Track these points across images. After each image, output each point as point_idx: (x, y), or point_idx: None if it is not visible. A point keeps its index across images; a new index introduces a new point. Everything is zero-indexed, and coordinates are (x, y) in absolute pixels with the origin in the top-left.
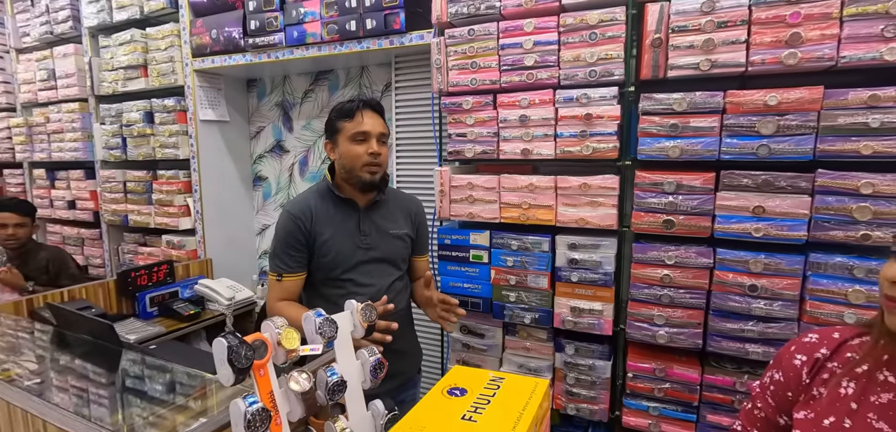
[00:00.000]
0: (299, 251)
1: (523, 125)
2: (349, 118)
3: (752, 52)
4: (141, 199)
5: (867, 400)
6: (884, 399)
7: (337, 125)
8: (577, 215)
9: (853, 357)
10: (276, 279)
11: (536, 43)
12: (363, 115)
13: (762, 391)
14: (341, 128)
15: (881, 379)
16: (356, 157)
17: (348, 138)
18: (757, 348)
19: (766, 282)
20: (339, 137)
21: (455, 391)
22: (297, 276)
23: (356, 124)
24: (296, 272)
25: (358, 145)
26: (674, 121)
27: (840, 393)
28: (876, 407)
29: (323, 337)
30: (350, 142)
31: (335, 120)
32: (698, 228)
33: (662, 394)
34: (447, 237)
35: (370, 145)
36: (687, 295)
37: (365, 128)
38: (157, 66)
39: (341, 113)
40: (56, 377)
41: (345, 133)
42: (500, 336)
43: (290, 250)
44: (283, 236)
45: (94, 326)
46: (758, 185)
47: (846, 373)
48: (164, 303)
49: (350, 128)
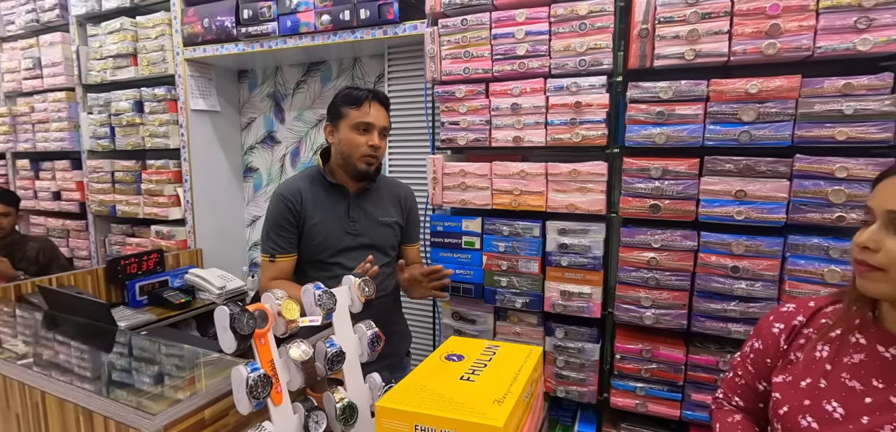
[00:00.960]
0: (290, 232)
1: (515, 113)
2: (356, 106)
3: (734, 42)
4: (129, 190)
5: (840, 361)
6: (856, 359)
7: (342, 110)
8: (568, 201)
9: (827, 322)
10: (269, 260)
11: (528, 33)
12: (370, 106)
13: (743, 360)
14: (346, 113)
15: (853, 342)
16: (355, 146)
17: (351, 126)
18: (739, 327)
19: (747, 264)
20: (341, 122)
21: (453, 357)
22: (289, 257)
23: (362, 113)
24: (288, 252)
25: (360, 135)
26: (660, 109)
27: (815, 356)
28: (848, 368)
29: (322, 309)
30: (352, 131)
31: (340, 104)
32: (683, 212)
33: (649, 375)
34: (440, 224)
35: (371, 137)
36: (672, 277)
37: (369, 119)
38: (147, 55)
39: (348, 99)
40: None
41: (348, 120)
42: (491, 321)
43: (281, 231)
44: (274, 218)
45: (89, 307)
46: (740, 170)
47: (821, 338)
48: (153, 291)
49: (355, 116)
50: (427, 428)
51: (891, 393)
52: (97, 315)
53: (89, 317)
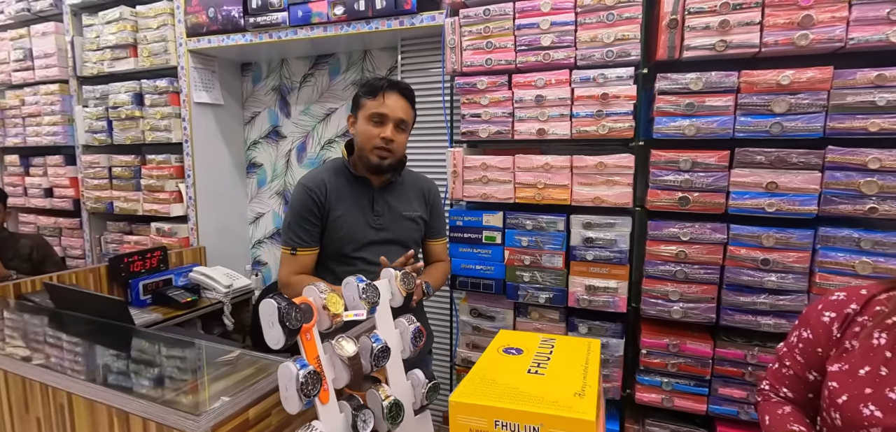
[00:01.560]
0: (314, 224)
1: (539, 105)
2: (372, 96)
3: (765, 33)
4: (128, 185)
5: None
6: None
7: (360, 101)
8: (593, 194)
9: (882, 310)
10: (291, 253)
11: (553, 24)
12: (385, 97)
13: (790, 350)
14: (363, 104)
15: None
16: (368, 138)
17: (366, 117)
18: (768, 320)
19: (777, 256)
20: (359, 113)
21: (511, 350)
22: (311, 250)
23: (376, 104)
24: (310, 245)
25: (373, 126)
26: (690, 101)
27: (873, 343)
28: None
29: (367, 303)
30: (367, 122)
31: (360, 95)
32: (713, 205)
33: (676, 369)
34: (459, 219)
35: (385, 129)
36: (701, 270)
37: (383, 110)
38: (148, 46)
39: (367, 89)
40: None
41: (364, 110)
42: (510, 317)
43: (305, 224)
44: (297, 209)
45: (103, 304)
46: (771, 162)
47: (877, 325)
48: (158, 290)
49: (370, 106)
50: (509, 424)
51: None
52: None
53: (102, 315)
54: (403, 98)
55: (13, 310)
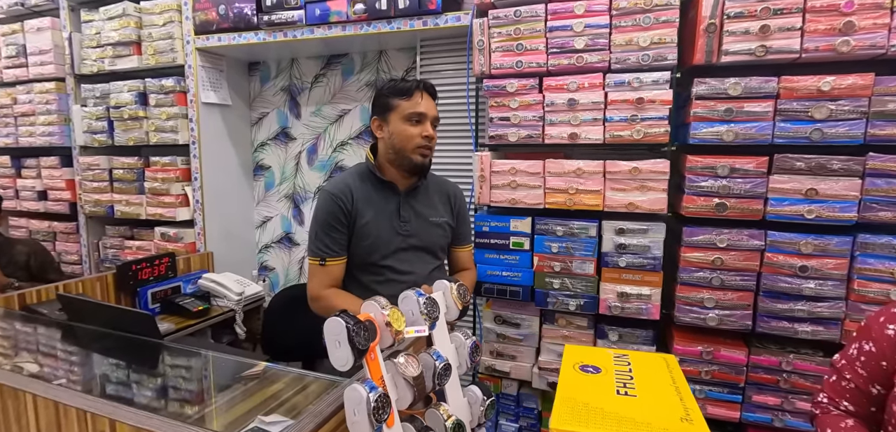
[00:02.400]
0: (341, 233)
1: (571, 109)
2: (406, 96)
3: (805, 39)
4: (130, 188)
5: None
6: None
7: (390, 102)
8: (627, 200)
9: None
10: (319, 264)
11: (587, 26)
12: (422, 96)
13: (850, 363)
14: (395, 105)
15: None
16: (409, 138)
17: (403, 118)
18: (806, 327)
19: (815, 263)
20: (391, 115)
21: (588, 368)
22: (340, 260)
23: (413, 104)
24: (339, 255)
25: (412, 126)
26: (728, 106)
27: None
28: None
29: (428, 319)
30: (404, 122)
31: (389, 96)
32: (750, 211)
33: (709, 377)
34: (485, 224)
35: (425, 128)
36: (737, 277)
37: (421, 109)
38: (153, 44)
39: (397, 90)
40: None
41: (399, 112)
42: (536, 324)
43: (332, 232)
44: (323, 217)
45: (128, 319)
46: (810, 168)
47: None
48: (167, 298)
49: (406, 107)
50: None
51: None
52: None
53: (126, 330)
54: (432, 97)
55: (25, 323)
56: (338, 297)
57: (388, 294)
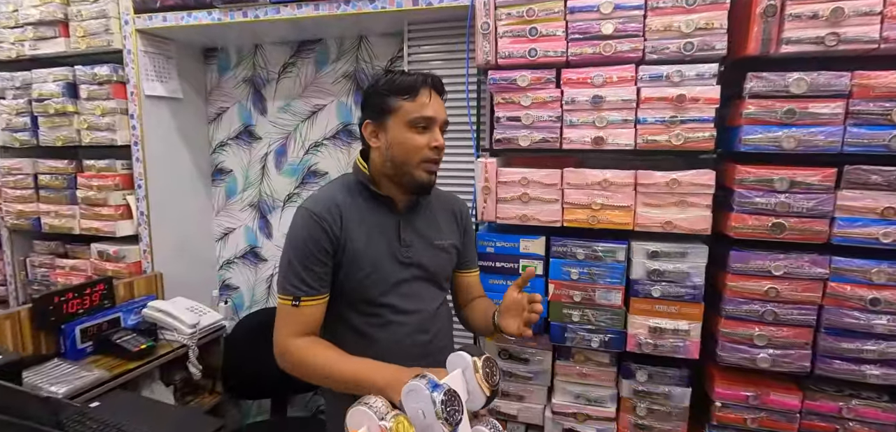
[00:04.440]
0: (324, 264)
1: (596, 108)
2: (410, 96)
3: (886, 26)
4: (60, 198)
5: None
6: None
7: (390, 103)
8: (663, 218)
9: None
10: (292, 304)
11: (617, 7)
12: (430, 96)
13: None
14: (397, 107)
15: None
16: (414, 149)
17: (406, 123)
18: (874, 370)
19: (888, 295)
20: (390, 120)
21: None
22: (318, 300)
23: (419, 106)
24: (318, 293)
25: (418, 134)
26: (790, 107)
27: None
28: None
29: (449, 424)
30: (407, 129)
31: (386, 95)
32: (813, 233)
33: (756, 425)
34: (490, 244)
35: (434, 136)
36: (795, 310)
37: (429, 112)
38: (83, 24)
39: (397, 88)
40: None
41: (401, 115)
42: (549, 360)
43: (312, 264)
44: (302, 244)
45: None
46: (889, 183)
47: None
48: (101, 335)
49: (410, 109)
50: None
51: None
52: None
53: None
54: (440, 96)
55: None
56: (314, 350)
57: (389, 340)
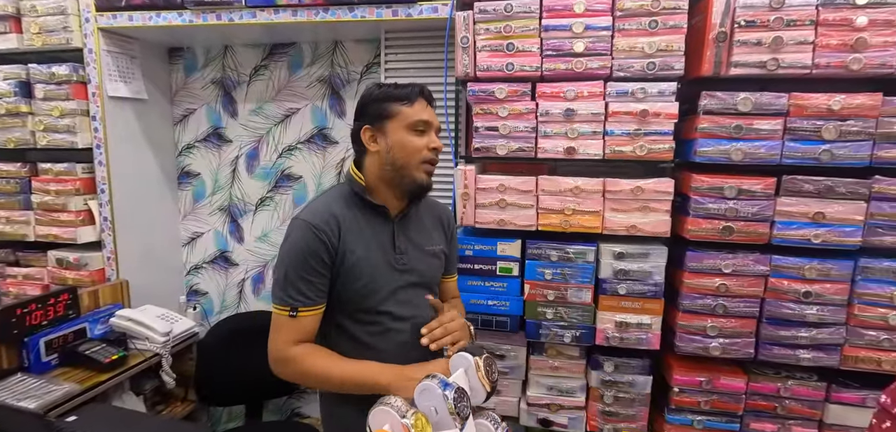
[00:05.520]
0: (322, 275)
1: (568, 120)
2: (408, 102)
3: (817, 54)
4: (12, 203)
5: None
6: None
7: (388, 108)
8: (628, 222)
9: None
10: (289, 315)
11: (588, 27)
12: (425, 104)
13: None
14: (396, 112)
15: None
16: (415, 151)
17: (407, 127)
18: (807, 354)
19: (818, 289)
20: (389, 124)
21: None
22: (315, 310)
23: (418, 111)
24: (315, 304)
25: (418, 136)
26: (738, 123)
27: None
28: None
29: (460, 418)
30: (408, 132)
31: (385, 101)
32: (757, 235)
33: (708, 407)
34: (469, 247)
35: (432, 138)
36: (742, 304)
37: (427, 116)
38: (38, 20)
39: (395, 95)
40: None
41: (401, 119)
42: (523, 355)
43: (310, 275)
44: (300, 256)
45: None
46: (819, 191)
47: None
48: (67, 347)
49: (410, 113)
50: None
51: None
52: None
53: None
54: (433, 107)
55: None
56: (316, 357)
57: (387, 347)
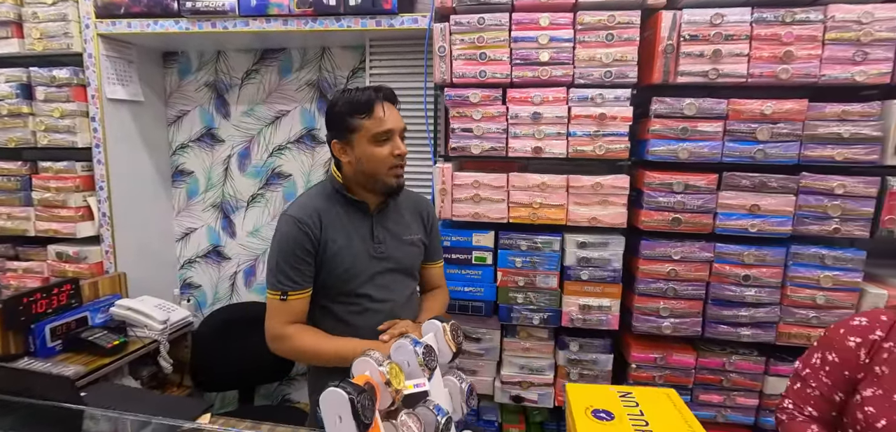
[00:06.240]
0: (307, 263)
1: (535, 122)
2: (367, 115)
3: (751, 65)
4: (12, 199)
5: None
6: None
7: (351, 123)
8: (590, 214)
9: None
10: (280, 299)
11: (552, 39)
12: (384, 109)
13: (814, 372)
14: (358, 126)
15: None
16: (380, 161)
17: (369, 139)
18: (747, 331)
19: (755, 272)
20: (354, 137)
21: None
22: (303, 293)
23: (377, 122)
24: (303, 288)
25: (381, 146)
26: (684, 125)
27: None
28: None
29: (427, 369)
30: (372, 144)
31: (347, 116)
32: (702, 225)
33: (662, 380)
34: (447, 238)
35: (395, 145)
36: (689, 287)
37: (388, 125)
38: (39, 26)
39: (355, 107)
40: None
41: (364, 133)
42: (498, 338)
43: (297, 263)
44: (287, 246)
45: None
46: (754, 186)
47: None
48: (71, 333)
49: (371, 126)
50: None
51: None
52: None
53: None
54: (394, 104)
55: None
56: (306, 335)
57: (366, 324)
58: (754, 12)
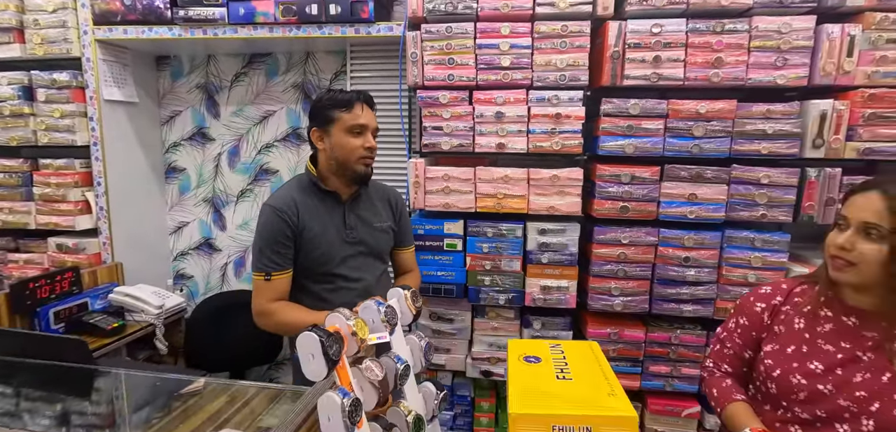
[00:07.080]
0: (287, 247)
1: (498, 121)
2: (347, 109)
3: (687, 70)
4: (14, 195)
5: (814, 329)
6: (826, 328)
7: (332, 114)
8: (548, 204)
9: (799, 301)
10: (264, 279)
11: (512, 46)
12: (362, 108)
13: (729, 334)
14: (337, 118)
15: (822, 315)
16: (353, 150)
17: (345, 130)
18: (689, 307)
19: (695, 254)
20: (332, 127)
21: (530, 359)
22: (285, 273)
23: (354, 117)
24: (284, 269)
25: (355, 138)
26: (629, 123)
27: (794, 328)
28: (822, 335)
29: (389, 325)
30: (347, 134)
31: (329, 109)
32: (647, 212)
33: (616, 354)
34: (421, 227)
35: (367, 139)
36: (637, 268)
37: (363, 121)
38: (40, 32)
39: (338, 103)
40: None
41: (341, 124)
42: (469, 319)
43: (278, 247)
44: (268, 233)
45: (54, 346)
46: (692, 177)
47: (796, 313)
48: (73, 317)
49: (348, 119)
50: (565, 427)
51: (856, 349)
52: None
53: (51, 359)
54: (372, 108)
55: None
56: (288, 310)
57: (341, 301)
58: (689, 23)
